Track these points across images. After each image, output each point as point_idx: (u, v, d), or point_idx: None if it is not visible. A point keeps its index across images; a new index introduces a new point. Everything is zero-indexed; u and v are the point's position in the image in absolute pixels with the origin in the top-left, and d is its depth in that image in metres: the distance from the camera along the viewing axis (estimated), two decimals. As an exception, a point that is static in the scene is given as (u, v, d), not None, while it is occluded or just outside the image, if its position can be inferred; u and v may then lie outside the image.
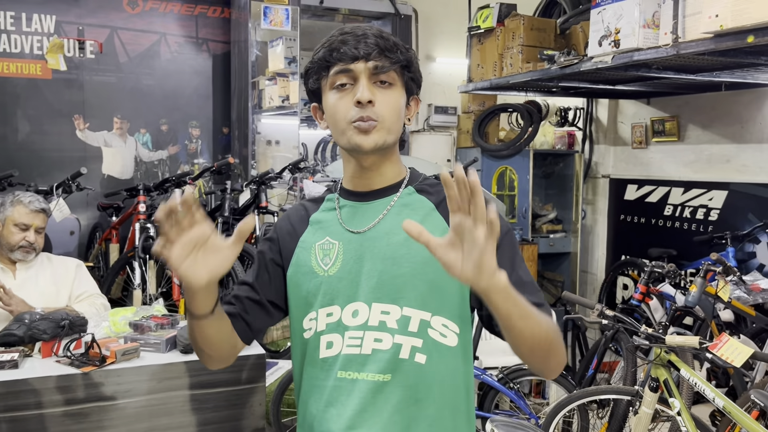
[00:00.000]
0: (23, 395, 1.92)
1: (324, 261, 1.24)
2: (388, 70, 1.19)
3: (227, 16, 5.29)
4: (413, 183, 1.27)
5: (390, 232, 1.21)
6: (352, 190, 1.28)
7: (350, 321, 1.20)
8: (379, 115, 1.17)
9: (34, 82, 4.78)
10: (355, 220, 1.25)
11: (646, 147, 5.36)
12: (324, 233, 1.27)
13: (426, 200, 1.24)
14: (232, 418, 2.16)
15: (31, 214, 2.68)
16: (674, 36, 3.13)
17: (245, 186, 4.38)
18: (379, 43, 1.18)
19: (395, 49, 1.20)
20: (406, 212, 1.22)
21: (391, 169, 1.26)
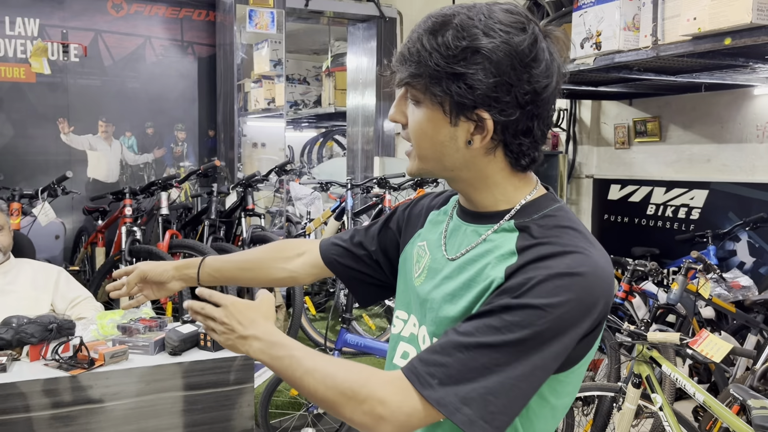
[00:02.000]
0: (11, 399, 1.92)
1: (416, 267, 1.12)
2: (405, 85, 0.97)
3: (212, 19, 5.29)
4: (523, 217, 0.98)
5: (464, 268, 1.01)
6: (461, 203, 1.08)
7: (421, 344, 1.08)
8: (408, 137, 1.00)
9: (17, 85, 4.76)
10: (452, 241, 1.07)
11: (629, 147, 5.43)
12: (427, 238, 1.13)
13: (513, 241, 0.96)
14: (221, 419, 2.17)
15: None
16: (654, 38, 3.19)
17: (232, 188, 4.39)
18: (403, 50, 0.96)
19: (415, 59, 0.93)
20: (486, 249, 0.99)
21: (482, 197, 1.01)
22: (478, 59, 0.89)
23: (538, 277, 0.88)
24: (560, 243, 0.92)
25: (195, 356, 2.17)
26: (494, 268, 0.95)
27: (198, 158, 5.38)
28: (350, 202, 4.46)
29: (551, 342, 0.88)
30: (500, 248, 0.97)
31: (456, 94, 0.91)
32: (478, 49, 0.89)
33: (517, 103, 0.91)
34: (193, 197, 5.13)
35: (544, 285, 0.87)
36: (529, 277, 0.89)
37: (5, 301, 2.59)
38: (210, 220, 4.24)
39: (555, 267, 0.88)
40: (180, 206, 4.95)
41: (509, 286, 0.90)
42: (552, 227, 0.95)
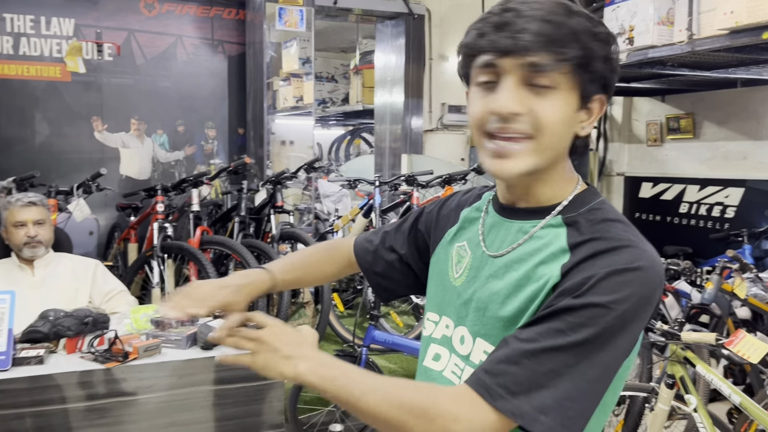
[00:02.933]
0: (48, 390, 1.96)
1: (457, 267, 1.08)
2: (551, 71, 0.88)
3: (242, 17, 5.34)
4: (570, 212, 0.96)
5: (512, 266, 0.97)
6: (500, 199, 1.05)
7: (458, 346, 1.05)
8: (531, 129, 0.90)
9: (53, 84, 4.86)
10: (491, 237, 1.04)
11: (661, 144, 5.34)
12: (465, 236, 1.10)
13: (563, 237, 0.94)
14: (251, 414, 2.19)
15: (22, 210, 2.73)
16: (689, 33, 3.13)
17: (261, 186, 4.42)
18: (545, 31, 0.87)
19: (569, 39, 0.88)
20: (536, 246, 0.96)
21: (544, 190, 0.98)
22: (608, 44, 0.91)
23: (599, 274, 0.86)
24: (613, 237, 0.90)
25: (226, 350, 2.18)
26: (547, 267, 0.92)
27: (228, 156, 5.43)
28: (378, 199, 4.46)
29: (618, 338, 0.86)
30: (550, 245, 0.94)
31: (601, 77, 0.91)
32: (611, 36, 0.92)
33: (613, 88, 0.95)
34: (223, 194, 5.18)
35: (605, 282, 0.85)
36: (589, 275, 0.86)
37: (46, 294, 2.65)
38: (240, 217, 4.27)
39: (614, 263, 0.86)
40: (210, 203, 5.00)
41: (569, 286, 0.88)
42: (600, 221, 0.93)
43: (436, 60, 5.96)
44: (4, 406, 1.92)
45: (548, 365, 0.85)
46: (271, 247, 4.07)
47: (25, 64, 4.77)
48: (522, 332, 0.88)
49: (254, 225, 4.37)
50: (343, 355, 3.40)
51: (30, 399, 1.94)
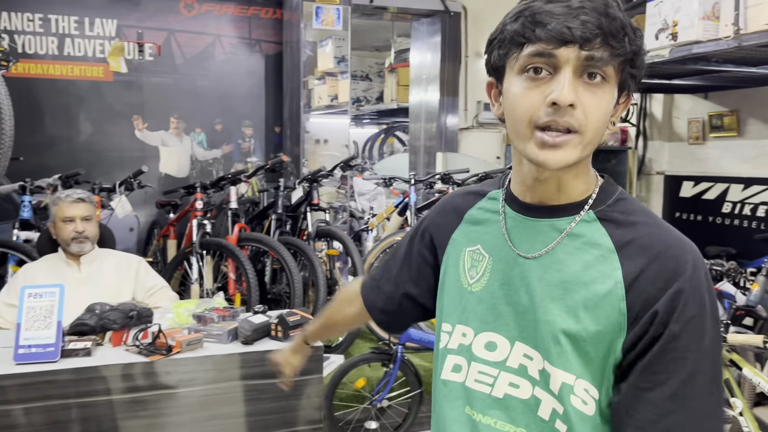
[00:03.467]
0: (94, 382, 2.01)
1: (471, 272, 1.05)
2: (606, 65, 0.88)
3: (279, 16, 5.38)
4: (599, 205, 0.96)
5: (553, 267, 0.96)
6: (520, 198, 1.02)
7: (482, 353, 1.02)
8: (580, 124, 0.88)
9: (96, 84, 4.97)
10: (519, 238, 1.00)
11: (703, 142, 5.22)
12: (477, 239, 1.07)
13: (605, 236, 0.93)
14: (290, 409, 2.21)
15: (71, 206, 2.80)
16: (736, 28, 3.05)
17: (298, 184, 4.45)
18: (603, 24, 0.85)
19: (623, 34, 0.87)
20: (577, 245, 0.95)
21: (575, 184, 0.97)
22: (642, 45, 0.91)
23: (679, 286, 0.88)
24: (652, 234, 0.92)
25: (266, 346, 2.21)
26: (598, 270, 0.92)
27: (264, 154, 5.49)
28: (413, 197, 4.45)
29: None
30: (593, 245, 0.94)
31: (639, 73, 0.92)
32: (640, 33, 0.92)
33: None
34: (260, 192, 5.23)
35: (688, 290, 0.88)
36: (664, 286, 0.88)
37: (91, 289, 2.71)
38: (277, 215, 4.31)
39: (676, 261, 0.89)
40: (247, 200, 5.06)
41: (654, 304, 0.89)
42: (631, 213, 0.95)
43: (471, 58, 5.92)
44: (52, 396, 1.97)
45: (698, 401, 0.88)
46: (307, 244, 4.10)
47: (70, 65, 4.89)
48: (665, 391, 0.88)
49: (291, 222, 4.40)
50: (379, 352, 3.41)
51: (76, 390, 1.99)
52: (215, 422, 2.13)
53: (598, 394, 0.94)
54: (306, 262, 4.02)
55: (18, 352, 1.98)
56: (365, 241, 5.13)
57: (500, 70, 0.95)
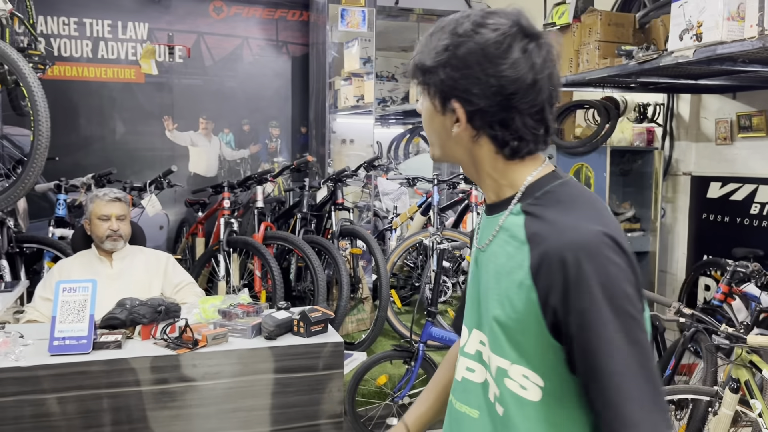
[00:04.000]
0: (124, 373, 2.10)
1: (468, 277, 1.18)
2: (414, 78, 1.07)
3: (306, 19, 5.47)
4: (526, 198, 1.03)
5: (491, 258, 1.05)
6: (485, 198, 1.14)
7: (462, 341, 1.15)
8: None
9: (129, 86, 5.11)
10: (481, 234, 1.12)
11: (731, 143, 5.15)
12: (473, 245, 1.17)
13: (522, 230, 1.00)
14: (312, 403, 2.27)
15: (108, 204, 2.90)
16: (761, 28, 3.03)
17: (322, 183, 4.52)
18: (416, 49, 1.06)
19: (418, 54, 1.05)
20: (505, 238, 1.03)
21: (486, 185, 1.08)
22: (449, 56, 0.99)
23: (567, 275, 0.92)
24: (561, 226, 0.96)
25: (289, 341, 2.28)
26: (514, 260, 0.99)
27: (291, 154, 5.57)
28: (436, 197, 4.49)
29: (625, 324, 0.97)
30: (513, 236, 1.01)
31: (434, 86, 1.02)
32: (448, 47, 0.99)
33: (485, 95, 0.98)
34: (286, 191, 5.32)
35: (577, 279, 0.92)
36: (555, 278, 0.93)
37: (122, 285, 2.81)
38: (302, 214, 4.39)
39: (564, 253, 0.92)
40: (274, 200, 5.15)
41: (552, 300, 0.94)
42: (549, 204, 1.00)
43: (496, 58, 5.93)
44: (85, 386, 2.06)
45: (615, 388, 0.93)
46: (331, 243, 4.16)
47: (103, 67, 5.03)
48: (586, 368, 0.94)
49: (315, 221, 4.48)
50: (401, 350, 3.46)
51: (107, 381, 2.08)
52: (239, 414, 2.20)
53: (543, 382, 0.98)
54: (330, 260, 4.09)
55: (53, 343, 2.07)
56: (389, 240, 5.18)
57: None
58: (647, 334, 0.95)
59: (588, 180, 5.55)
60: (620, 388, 0.90)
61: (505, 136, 1.00)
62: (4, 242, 3.47)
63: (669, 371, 3.37)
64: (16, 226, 3.73)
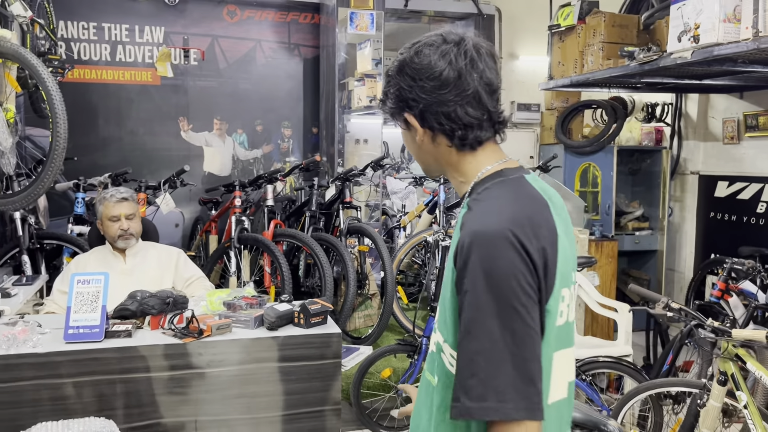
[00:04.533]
0: (135, 360, 2.23)
1: None
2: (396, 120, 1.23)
3: (317, 21, 5.59)
4: (473, 194, 1.17)
5: (450, 246, 1.19)
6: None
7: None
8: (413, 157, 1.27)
9: (145, 88, 5.28)
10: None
11: (739, 142, 5.19)
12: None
13: (460, 220, 1.14)
14: (312, 390, 2.39)
15: (116, 205, 3.01)
16: (755, 30, 3.09)
17: (331, 182, 4.64)
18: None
19: (384, 96, 1.22)
20: (457, 228, 1.16)
21: (455, 184, 1.24)
22: (390, 80, 1.20)
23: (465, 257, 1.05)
24: (473, 214, 1.10)
25: (289, 331, 2.40)
26: (453, 246, 1.12)
27: (302, 154, 5.70)
28: (442, 196, 4.59)
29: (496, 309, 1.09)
30: (458, 226, 1.15)
31: (390, 109, 1.21)
32: (389, 73, 1.20)
33: (422, 97, 1.15)
34: (296, 190, 5.45)
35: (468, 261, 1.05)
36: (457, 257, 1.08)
37: (135, 279, 2.94)
38: (311, 212, 4.51)
39: (465, 237, 1.06)
40: (285, 198, 5.28)
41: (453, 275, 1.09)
42: (482, 198, 1.13)
43: (505, 59, 6.01)
44: (98, 372, 2.20)
45: (467, 358, 1.05)
46: (339, 240, 4.28)
47: (121, 70, 5.20)
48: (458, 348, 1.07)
49: (324, 219, 4.59)
50: (404, 344, 3.56)
51: (119, 367, 2.21)
52: (242, 400, 2.33)
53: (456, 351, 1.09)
54: (338, 257, 4.21)
55: (68, 332, 2.21)
56: (397, 238, 5.29)
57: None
58: (535, 327, 1.02)
59: (595, 179, 5.61)
60: (473, 364, 1.01)
61: (452, 126, 1.15)
62: (26, 238, 3.63)
63: (667, 366, 3.45)
64: (36, 224, 3.90)
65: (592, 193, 5.61)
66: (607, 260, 4.80)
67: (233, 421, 2.33)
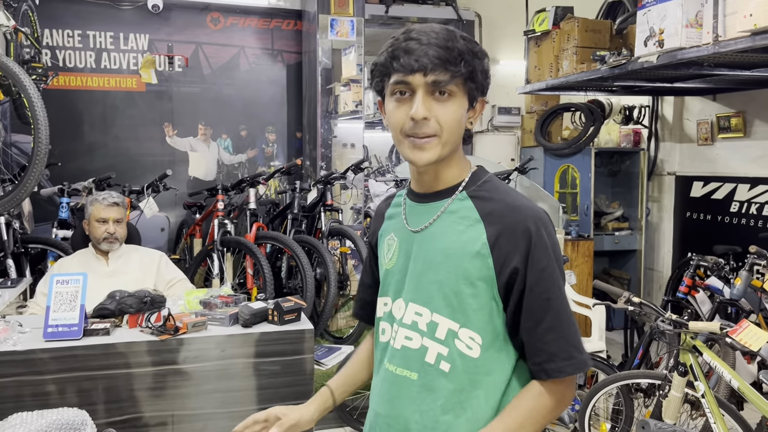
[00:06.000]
0: (113, 357, 2.31)
1: (387, 254, 1.32)
2: (448, 84, 1.14)
3: (299, 28, 5.69)
4: (470, 187, 1.23)
5: (435, 238, 1.22)
6: (414, 189, 1.30)
7: (396, 314, 1.28)
8: (437, 130, 1.15)
9: (130, 94, 5.36)
10: (412, 219, 1.28)
11: (712, 143, 5.31)
12: (391, 229, 1.33)
13: (473, 209, 1.20)
14: (284, 385, 2.47)
15: (106, 208, 3.09)
16: (715, 35, 3.21)
17: (313, 185, 4.73)
18: (441, 55, 1.12)
19: (459, 60, 1.14)
20: (453, 219, 1.21)
21: (449, 172, 1.24)
22: (484, 59, 1.19)
23: (531, 240, 1.17)
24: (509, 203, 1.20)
25: (263, 328, 2.49)
26: (468, 235, 1.19)
27: (287, 158, 5.79)
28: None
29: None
30: (465, 218, 1.21)
31: (482, 85, 1.20)
32: (481, 53, 1.19)
33: (488, 80, 1.22)
34: (279, 194, 5.54)
35: (538, 243, 1.16)
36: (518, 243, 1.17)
37: (118, 281, 3.01)
38: (293, 215, 4.60)
39: (525, 222, 1.17)
40: (268, 202, 5.36)
41: (514, 261, 1.17)
42: (493, 190, 1.23)
43: (486, 63, 6.12)
44: (77, 369, 2.28)
45: (573, 322, 1.20)
46: (321, 242, 4.37)
47: (106, 77, 5.28)
48: (548, 315, 1.17)
49: (306, 222, 4.68)
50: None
51: (98, 363, 2.29)
52: (217, 395, 2.41)
53: (482, 340, 1.19)
54: (320, 259, 4.29)
55: (47, 330, 2.29)
56: (379, 240, 5.36)
57: (382, 92, 1.24)
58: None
59: (574, 180, 5.72)
60: (568, 323, 1.18)
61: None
62: (10, 243, 3.70)
63: (638, 360, 3.55)
64: (21, 228, 3.97)
65: (572, 194, 5.73)
66: (583, 259, 4.91)
67: (209, 415, 2.41)
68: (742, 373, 3.43)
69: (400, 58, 1.14)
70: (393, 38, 1.19)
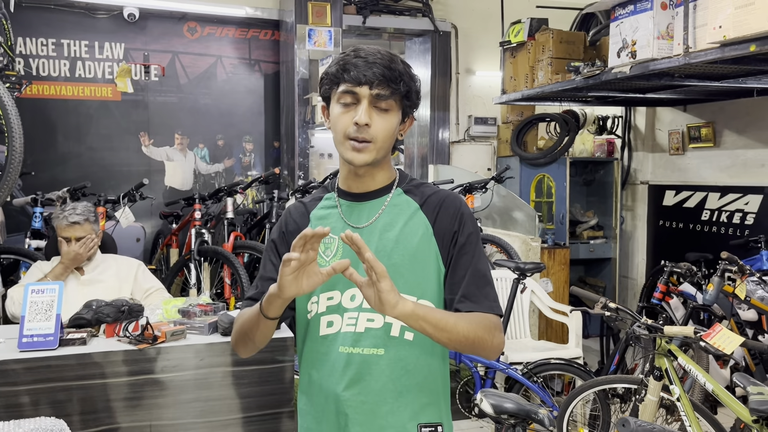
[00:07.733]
0: (89, 367, 2.27)
1: (326, 253, 1.43)
2: (388, 99, 1.34)
3: (277, 38, 5.70)
4: (401, 185, 1.45)
5: (384, 229, 1.40)
6: (347, 191, 1.45)
7: (348, 304, 1.40)
8: (373, 137, 1.34)
9: (105, 103, 5.31)
10: (353, 217, 1.43)
11: (683, 153, 5.43)
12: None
13: (412, 201, 1.43)
14: (264, 393, 2.46)
15: (67, 228, 2.97)
16: (685, 46, 3.29)
17: (291, 194, 4.72)
18: (385, 74, 1.32)
19: (399, 79, 1.33)
20: (396, 211, 1.42)
21: (382, 174, 1.44)
22: (417, 82, 1.41)
23: (461, 212, 1.42)
24: (435, 191, 1.46)
25: (243, 336, 2.47)
26: (414, 222, 1.41)
27: (264, 167, 5.77)
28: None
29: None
30: (406, 209, 1.43)
31: (414, 102, 1.42)
32: (416, 77, 1.41)
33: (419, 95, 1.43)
34: (257, 203, 5.51)
35: (467, 214, 1.43)
36: (453, 216, 1.42)
37: (94, 290, 2.97)
38: (271, 224, 4.58)
39: (456, 202, 1.44)
40: (246, 211, 5.34)
41: (452, 228, 1.41)
42: (419, 185, 1.48)
43: (462, 74, 6.19)
44: (52, 379, 2.24)
45: (487, 277, 1.42)
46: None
47: (81, 86, 5.23)
48: (463, 263, 1.40)
49: (285, 231, 4.66)
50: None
51: (74, 374, 2.26)
52: (196, 404, 2.39)
53: (435, 305, 1.39)
54: (298, 268, 4.28)
55: (22, 341, 2.24)
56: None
57: (328, 99, 1.41)
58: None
59: (549, 190, 5.80)
60: (489, 279, 1.41)
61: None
62: (-18, 253, 3.63)
63: (614, 366, 3.60)
64: (-7, 238, 3.90)
65: (547, 203, 5.80)
66: (559, 267, 4.96)
67: (188, 425, 2.38)
68: (716, 378, 3.50)
69: (351, 71, 1.33)
70: (343, 53, 1.37)
